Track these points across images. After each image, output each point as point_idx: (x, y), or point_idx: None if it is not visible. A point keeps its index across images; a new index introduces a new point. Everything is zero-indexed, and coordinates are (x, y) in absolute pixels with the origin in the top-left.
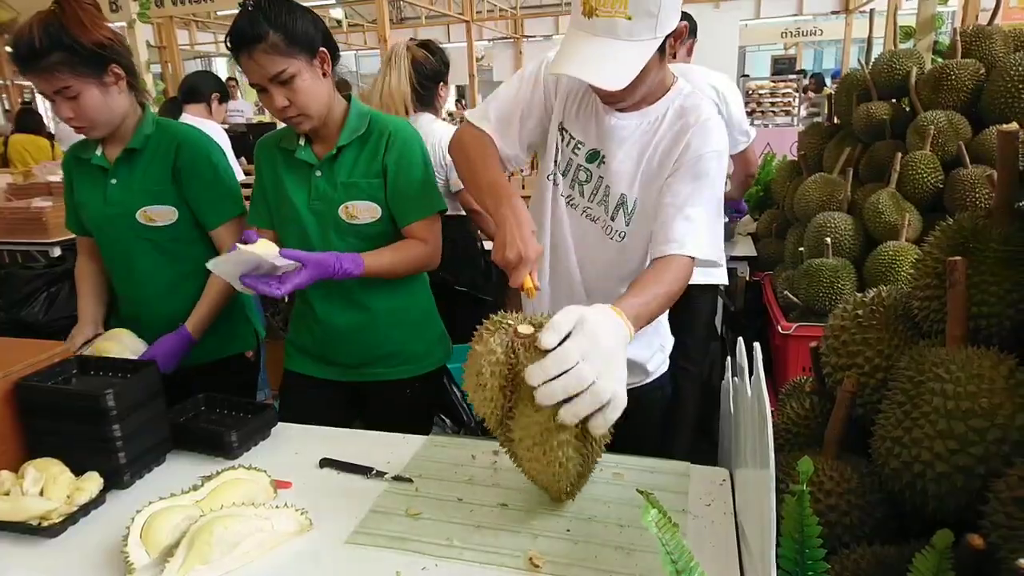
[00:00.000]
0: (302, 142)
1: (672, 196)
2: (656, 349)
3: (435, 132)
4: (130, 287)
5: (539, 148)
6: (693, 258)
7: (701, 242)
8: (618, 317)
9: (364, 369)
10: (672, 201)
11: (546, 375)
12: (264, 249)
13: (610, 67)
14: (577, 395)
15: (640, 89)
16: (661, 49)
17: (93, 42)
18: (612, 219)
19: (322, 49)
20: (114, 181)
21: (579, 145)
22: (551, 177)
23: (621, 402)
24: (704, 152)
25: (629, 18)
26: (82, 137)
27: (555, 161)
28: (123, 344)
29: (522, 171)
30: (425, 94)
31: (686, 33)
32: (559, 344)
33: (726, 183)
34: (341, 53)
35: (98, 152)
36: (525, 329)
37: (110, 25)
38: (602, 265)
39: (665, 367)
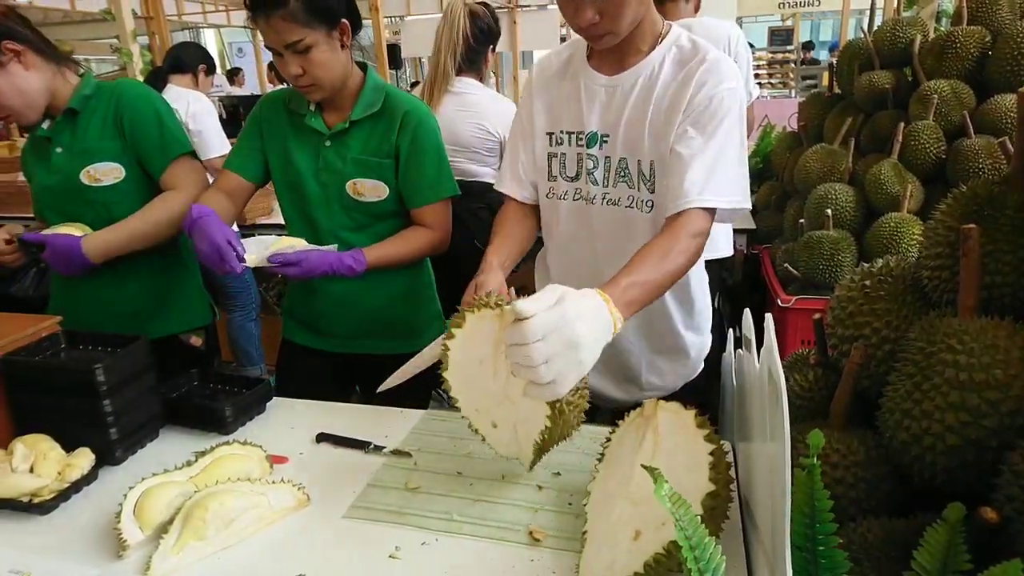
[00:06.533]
0: (312, 107)
1: (684, 145)
2: (699, 348)
3: (481, 103)
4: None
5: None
6: (711, 209)
7: (720, 188)
8: (603, 303)
9: (358, 341)
10: (684, 151)
11: (509, 341)
12: (293, 242)
13: None
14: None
15: (625, 16)
16: None
17: None
18: (637, 190)
19: (343, 20)
20: (59, 150)
21: (579, 137)
22: (553, 195)
23: (562, 388)
24: (715, 92)
25: None
26: None
27: (552, 175)
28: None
29: None
30: (473, 56)
31: None
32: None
33: None
34: None
35: (44, 125)
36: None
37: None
38: (636, 247)
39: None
